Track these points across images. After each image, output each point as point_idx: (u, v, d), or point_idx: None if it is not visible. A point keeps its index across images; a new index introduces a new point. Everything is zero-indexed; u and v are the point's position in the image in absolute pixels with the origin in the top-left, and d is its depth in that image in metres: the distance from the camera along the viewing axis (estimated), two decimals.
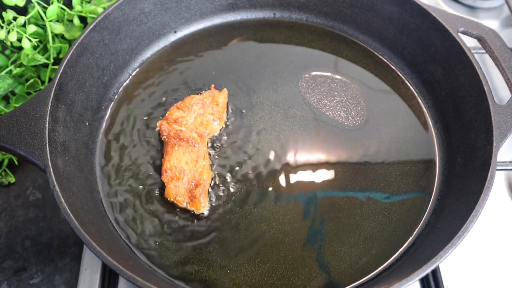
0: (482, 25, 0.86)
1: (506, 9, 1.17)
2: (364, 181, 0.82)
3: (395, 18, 0.94)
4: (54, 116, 0.75)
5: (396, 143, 0.87)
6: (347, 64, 0.97)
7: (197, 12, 0.99)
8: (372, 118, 0.89)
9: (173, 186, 0.78)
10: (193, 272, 0.73)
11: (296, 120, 0.89)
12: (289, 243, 0.76)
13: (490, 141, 0.74)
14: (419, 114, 0.91)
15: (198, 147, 0.81)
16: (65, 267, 0.84)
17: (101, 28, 0.86)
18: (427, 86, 0.93)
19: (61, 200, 0.67)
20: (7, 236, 0.87)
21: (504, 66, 0.81)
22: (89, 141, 0.84)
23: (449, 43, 0.86)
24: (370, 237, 0.77)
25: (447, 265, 0.81)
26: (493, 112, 0.76)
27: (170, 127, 0.82)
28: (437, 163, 0.85)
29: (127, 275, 0.62)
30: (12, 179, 0.92)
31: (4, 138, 0.72)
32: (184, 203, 0.78)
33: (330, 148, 0.86)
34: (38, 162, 0.70)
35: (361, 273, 0.74)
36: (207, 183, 0.80)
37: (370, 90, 0.93)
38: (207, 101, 0.86)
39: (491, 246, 0.84)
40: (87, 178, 0.80)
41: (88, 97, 0.85)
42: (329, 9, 1.00)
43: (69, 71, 0.80)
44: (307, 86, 0.93)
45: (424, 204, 0.81)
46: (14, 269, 0.84)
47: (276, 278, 0.73)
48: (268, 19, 1.03)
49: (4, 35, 0.90)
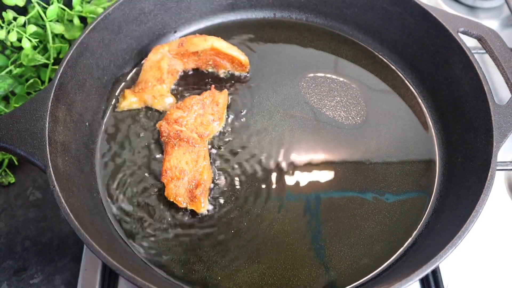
0: (482, 25, 0.86)
1: (506, 9, 1.17)
2: (364, 181, 0.82)
3: (395, 18, 0.94)
4: (54, 116, 0.75)
5: (396, 143, 0.87)
6: (347, 64, 0.97)
7: (197, 12, 0.99)
8: (372, 118, 0.89)
9: (173, 186, 0.78)
10: (193, 272, 0.73)
11: (296, 120, 0.89)
12: (289, 243, 0.76)
13: (490, 141, 0.74)
14: (419, 114, 0.91)
15: (198, 147, 0.81)
16: (65, 267, 0.84)
17: (101, 28, 0.86)
18: (427, 86, 0.93)
19: (61, 200, 0.67)
20: (7, 236, 0.87)
21: (504, 66, 0.81)
22: (89, 141, 0.84)
23: (449, 43, 0.86)
24: (370, 237, 0.77)
25: (447, 265, 0.81)
26: (493, 112, 0.76)
27: (170, 127, 0.82)
28: (437, 163, 0.85)
29: (127, 275, 0.62)
30: (12, 179, 0.92)
31: (4, 138, 0.72)
32: (184, 203, 0.78)
33: (330, 148, 0.86)
34: (38, 162, 0.70)
35: (361, 273, 0.74)
36: (208, 183, 0.80)
37: (370, 90, 0.93)
38: (207, 101, 0.86)
39: (491, 246, 0.84)
40: (87, 178, 0.80)
41: (88, 97, 0.85)
42: (329, 9, 1.00)
43: (69, 71, 0.80)
44: (307, 86, 0.93)
45: (424, 204, 0.81)
46: (14, 269, 0.84)
47: (276, 278, 0.73)
48: (268, 19, 1.03)
49: (4, 35, 0.90)
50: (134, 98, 0.88)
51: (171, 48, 0.90)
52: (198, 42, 0.90)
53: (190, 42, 0.90)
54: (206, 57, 0.91)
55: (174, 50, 0.90)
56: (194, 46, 0.89)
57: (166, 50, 0.90)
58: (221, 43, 0.90)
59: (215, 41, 0.90)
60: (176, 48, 0.90)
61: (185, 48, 0.89)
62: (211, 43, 0.89)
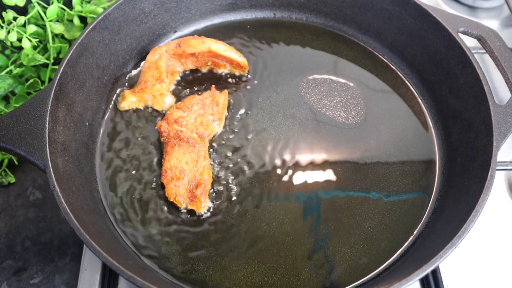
0: (482, 25, 0.86)
1: (506, 9, 1.17)
2: (364, 181, 0.82)
3: (395, 18, 0.94)
4: (54, 116, 0.75)
5: (396, 143, 0.87)
6: (347, 64, 0.97)
7: (197, 12, 0.99)
8: (372, 118, 0.89)
9: (173, 186, 0.78)
10: (193, 272, 0.73)
11: (296, 120, 0.89)
12: (289, 243, 0.76)
13: (490, 141, 0.74)
14: (419, 114, 0.91)
15: (198, 147, 0.81)
16: (65, 267, 0.84)
17: (101, 28, 0.86)
18: (427, 86, 0.93)
19: (61, 200, 0.67)
20: (7, 236, 0.87)
21: (504, 66, 0.81)
22: (89, 141, 0.84)
23: (449, 43, 0.86)
24: (370, 237, 0.77)
25: (447, 265, 0.81)
26: (493, 112, 0.76)
27: (170, 127, 0.82)
28: (437, 163, 0.85)
29: (127, 275, 0.62)
30: (12, 179, 0.92)
31: (4, 138, 0.72)
32: (184, 203, 0.78)
33: (330, 148, 0.86)
34: (38, 162, 0.70)
35: (361, 273, 0.74)
36: (208, 183, 0.80)
37: (370, 90, 0.93)
38: (207, 101, 0.86)
39: (491, 246, 0.84)
40: (87, 178, 0.80)
41: (88, 97, 0.85)
42: (329, 9, 1.00)
43: (69, 71, 0.80)
44: (307, 86, 0.93)
45: (424, 204, 0.81)
46: (14, 269, 0.84)
47: (276, 278, 0.73)
48: (268, 19, 1.03)
49: (4, 35, 0.90)
50: (134, 98, 0.88)
51: (168, 48, 0.91)
52: (196, 44, 0.90)
53: (187, 44, 0.90)
54: (204, 58, 0.91)
55: (172, 50, 0.90)
56: (191, 48, 0.89)
57: (163, 51, 0.90)
58: (218, 45, 0.90)
59: (213, 44, 0.90)
60: (174, 49, 0.90)
61: (183, 49, 0.89)
62: (208, 45, 0.89)
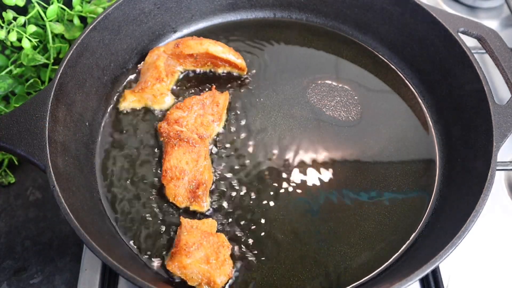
0: (482, 25, 0.86)
1: (506, 9, 1.17)
2: (364, 181, 0.82)
3: (395, 18, 0.94)
4: (54, 116, 0.75)
5: (396, 143, 0.87)
6: (347, 64, 0.97)
7: (197, 12, 0.99)
8: (372, 118, 0.89)
9: (173, 186, 0.78)
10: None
11: (297, 120, 0.89)
12: (289, 243, 0.76)
13: (490, 141, 0.74)
14: (419, 114, 0.91)
15: (198, 147, 0.81)
16: (65, 267, 0.84)
17: (101, 28, 0.86)
18: (427, 86, 0.93)
19: (61, 200, 0.67)
20: (7, 236, 0.87)
21: (504, 66, 0.81)
22: (89, 141, 0.84)
23: (449, 43, 0.86)
24: (370, 237, 0.77)
25: (447, 265, 0.81)
26: (493, 112, 0.76)
27: (170, 127, 0.82)
28: (437, 163, 0.85)
29: (127, 275, 0.62)
30: (12, 179, 0.92)
31: (4, 138, 0.72)
32: (184, 203, 0.78)
33: (330, 148, 0.86)
34: (38, 162, 0.70)
35: (361, 273, 0.74)
36: (208, 182, 0.80)
37: (370, 90, 0.93)
38: (207, 102, 0.86)
39: (491, 246, 0.84)
40: (87, 178, 0.80)
41: (88, 97, 0.85)
42: (329, 9, 1.00)
43: (69, 71, 0.80)
44: (307, 86, 0.93)
45: (424, 204, 0.81)
46: (14, 269, 0.84)
47: (276, 278, 0.73)
48: (268, 19, 1.03)
49: (4, 35, 0.90)
50: (134, 98, 0.88)
51: (167, 49, 0.91)
52: (194, 45, 0.89)
53: (185, 44, 0.90)
54: (202, 59, 0.91)
55: (170, 50, 0.90)
56: (189, 49, 0.89)
57: (161, 51, 0.90)
58: (216, 47, 0.90)
59: (211, 45, 0.90)
60: (172, 49, 0.90)
61: (181, 49, 0.89)
62: (206, 47, 0.89)
